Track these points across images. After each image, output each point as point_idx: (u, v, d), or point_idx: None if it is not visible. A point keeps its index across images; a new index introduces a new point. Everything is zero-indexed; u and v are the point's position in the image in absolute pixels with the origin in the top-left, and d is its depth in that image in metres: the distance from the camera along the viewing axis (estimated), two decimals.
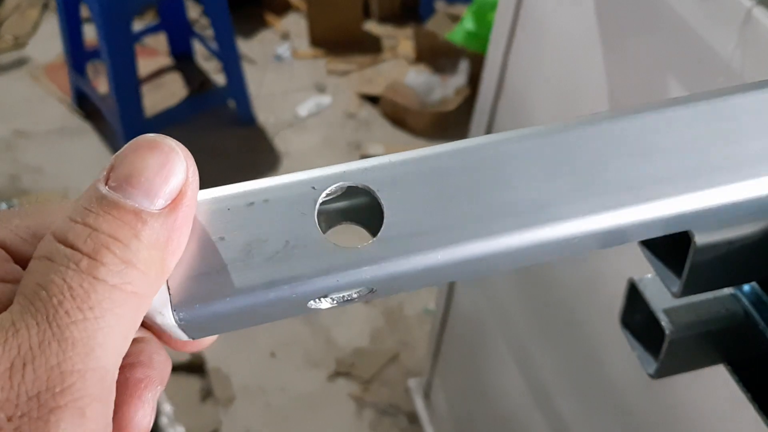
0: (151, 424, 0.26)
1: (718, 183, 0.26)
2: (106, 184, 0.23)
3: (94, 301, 0.22)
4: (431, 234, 0.25)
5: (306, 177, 0.26)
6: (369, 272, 0.25)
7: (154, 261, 0.23)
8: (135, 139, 0.24)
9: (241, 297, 0.24)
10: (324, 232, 0.25)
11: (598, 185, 0.26)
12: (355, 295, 0.26)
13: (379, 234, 0.25)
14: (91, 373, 0.22)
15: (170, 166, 0.23)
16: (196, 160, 0.25)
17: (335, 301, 0.26)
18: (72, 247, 0.22)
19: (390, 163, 0.26)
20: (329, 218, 0.27)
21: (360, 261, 0.25)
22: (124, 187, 0.23)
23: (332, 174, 0.26)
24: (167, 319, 0.25)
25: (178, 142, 0.24)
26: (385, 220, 0.25)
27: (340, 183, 0.25)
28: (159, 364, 0.26)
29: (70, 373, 0.22)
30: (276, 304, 0.25)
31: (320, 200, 0.25)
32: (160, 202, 0.23)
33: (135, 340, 0.26)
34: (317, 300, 0.25)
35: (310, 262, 0.24)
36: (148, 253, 0.23)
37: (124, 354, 0.23)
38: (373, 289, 0.25)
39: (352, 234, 0.27)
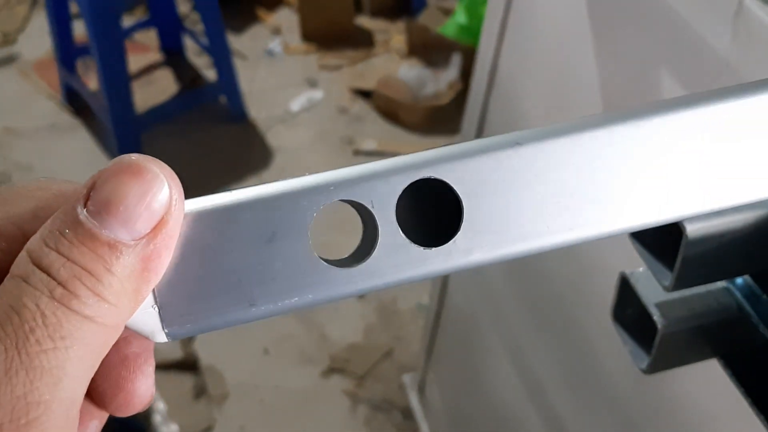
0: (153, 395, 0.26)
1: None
2: (84, 206, 0.22)
3: (66, 331, 0.22)
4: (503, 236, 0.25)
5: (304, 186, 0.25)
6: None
7: (127, 293, 0.23)
8: (118, 159, 0.23)
9: (227, 316, 0.24)
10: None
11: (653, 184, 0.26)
12: None
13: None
14: (57, 404, 0.21)
15: (152, 194, 0.23)
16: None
17: None
18: (47, 273, 0.22)
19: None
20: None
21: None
22: (102, 214, 0.22)
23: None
24: (155, 337, 0.25)
25: (163, 165, 0.23)
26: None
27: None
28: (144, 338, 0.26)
29: (36, 404, 0.21)
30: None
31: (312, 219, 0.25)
32: (137, 233, 0.23)
33: None
34: None
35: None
36: (121, 286, 0.23)
37: (89, 382, 0.23)
38: None
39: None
